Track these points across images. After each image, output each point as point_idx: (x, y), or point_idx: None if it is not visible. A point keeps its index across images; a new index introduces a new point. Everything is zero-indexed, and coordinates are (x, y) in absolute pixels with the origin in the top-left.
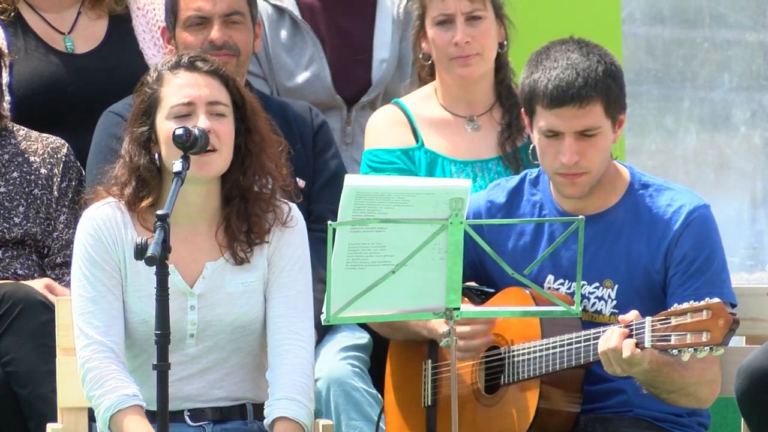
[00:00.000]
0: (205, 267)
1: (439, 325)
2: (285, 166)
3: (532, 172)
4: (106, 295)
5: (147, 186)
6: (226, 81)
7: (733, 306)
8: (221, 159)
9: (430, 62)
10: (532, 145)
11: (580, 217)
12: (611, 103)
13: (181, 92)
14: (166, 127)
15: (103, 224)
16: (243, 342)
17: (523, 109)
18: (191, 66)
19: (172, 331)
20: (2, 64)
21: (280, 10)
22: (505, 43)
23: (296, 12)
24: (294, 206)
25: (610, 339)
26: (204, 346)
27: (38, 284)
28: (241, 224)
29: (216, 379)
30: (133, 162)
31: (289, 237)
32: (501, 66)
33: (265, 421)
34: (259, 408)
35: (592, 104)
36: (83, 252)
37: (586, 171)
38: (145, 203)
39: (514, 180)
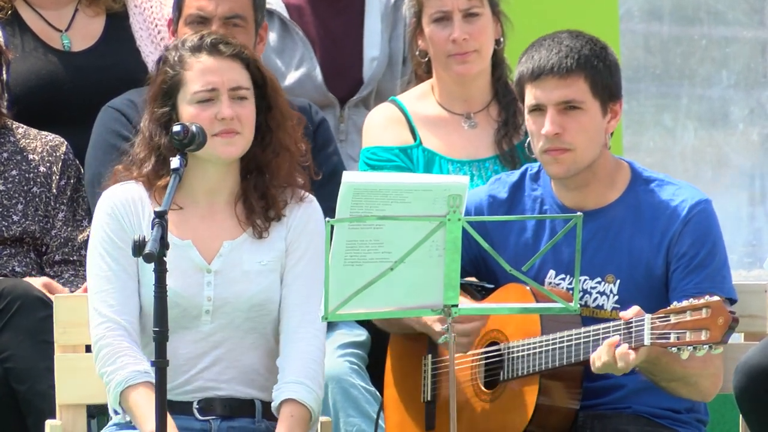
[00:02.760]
0: (223, 245)
1: (432, 321)
2: (304, 142)
3: (533, 167)
4: (120, 273)
5: (167, 165)
6: (248, 63)
7: (734, 301)
8: (243, 140)
9: (426, 60)
10: (527, 139)
11: (578, 213)
12: (597, 83)
13: (204, 78)
14: (188, 111)
15: (121, 204)
16: (258, 322)
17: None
18: (214, 49)
19: (188, 306)
20: (1, 61)
21: (268, 13)
22: (502, 39)
23: (284, 13)
24: (311, 196)
25: (601, 355)
26: (219, 323)
27: (36, 282)
28: (259, 197)
29: (230, 359)
30: (153, 141)
31: (309, 226)
32: (497, 63)
33: (272, 404)
34: (267, 407)
35: (573, 77)
36: (100, 231)
37: (570, 148)
38: (163, 181)
39: (515, 175)
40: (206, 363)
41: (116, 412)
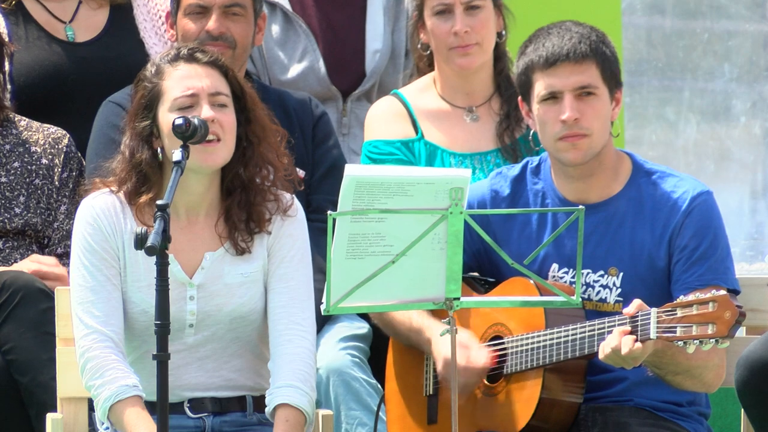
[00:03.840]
0: (204, 257)
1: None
2: (286, 155)
3: (533, 161)
4: (105, 284)
5: (148, 181)
6: (225, 72)
7: (737, 293)
8: (225, 148)
9: (428, 53)
10: (532, 131)
11: (580, 207)
12: (606, 68)
13: (183, 84)
14: (168, 119)
15: (102, 213)
16: (241, 332)
17: (520, 97)
18: (191, 58)
19: (172, 320)
20: (4, 53)
21: (271, 5)
22: (504, 33)
23: (287, 6)
24: (294, 196)
25: (610, 341)
26: (203, 335)
27: (24, 266)
28: (242, 214)
29: (214, 368)
30: (134, 158)
31: (290, 228)
32: (499, 56)
33: (266, 409)
34: (259, 400)
35: (587, 63)
36: (82, 241)
37: (587, 133)
38: (145, 198)
39: (516, 169)
40: (192, 372)
41: (105, 426)
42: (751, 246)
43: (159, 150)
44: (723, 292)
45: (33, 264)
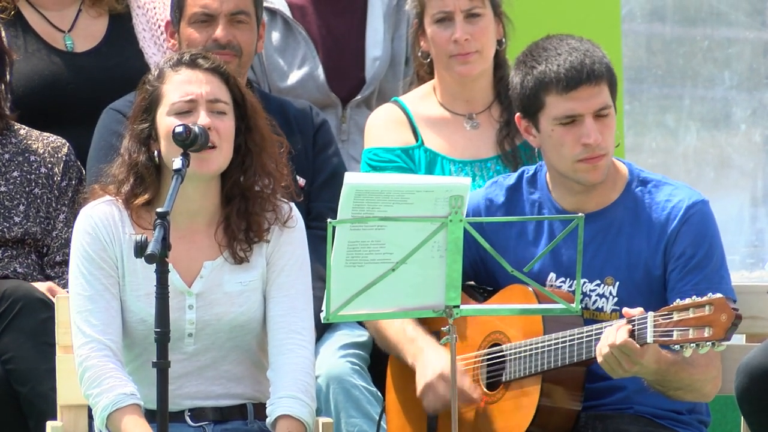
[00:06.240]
0: (203, 266)
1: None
2: (286, 166)
3: (529, 170)
4: (103, 293)
5: (144, 183)
6: (227, 79)
7: (733, 301)
8: (221, 156)
9: (428, 60)
10: (537, 149)
11: (580, 214)
12: (612, 84)
13: (183, 89)
14: (166, 122)
15: (100, 222)
16: (241, 341)
17: (519, 114)
18: (193, 63)
19: (171, 330)
20: (6, 62)
21: (271, 12)
22: (504, 40)
23: (287, 13)
24: (293, 206)
25: (606, 338)
26: (202, 344)
27: (41, 287)
28: (241, 223)
29: (214, 377)
30: (131, 158)
31: (289, 236)
32: (499, 64)
33: (267, 420)
34: (259, 408)
35: (602, 83)
36: (81, 250)
37: (605, 153)
38: (141, 200)
39: (512, 178)
40: (192, 381)
41: None
42: (751, 253)
43: (156, 153)
44: (719, 295)
45: (48, 283)
